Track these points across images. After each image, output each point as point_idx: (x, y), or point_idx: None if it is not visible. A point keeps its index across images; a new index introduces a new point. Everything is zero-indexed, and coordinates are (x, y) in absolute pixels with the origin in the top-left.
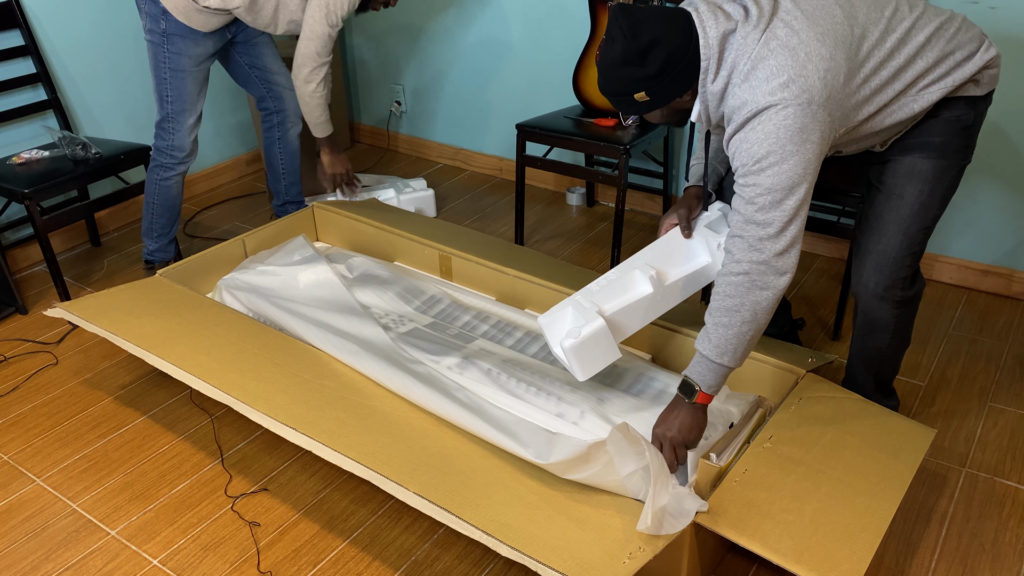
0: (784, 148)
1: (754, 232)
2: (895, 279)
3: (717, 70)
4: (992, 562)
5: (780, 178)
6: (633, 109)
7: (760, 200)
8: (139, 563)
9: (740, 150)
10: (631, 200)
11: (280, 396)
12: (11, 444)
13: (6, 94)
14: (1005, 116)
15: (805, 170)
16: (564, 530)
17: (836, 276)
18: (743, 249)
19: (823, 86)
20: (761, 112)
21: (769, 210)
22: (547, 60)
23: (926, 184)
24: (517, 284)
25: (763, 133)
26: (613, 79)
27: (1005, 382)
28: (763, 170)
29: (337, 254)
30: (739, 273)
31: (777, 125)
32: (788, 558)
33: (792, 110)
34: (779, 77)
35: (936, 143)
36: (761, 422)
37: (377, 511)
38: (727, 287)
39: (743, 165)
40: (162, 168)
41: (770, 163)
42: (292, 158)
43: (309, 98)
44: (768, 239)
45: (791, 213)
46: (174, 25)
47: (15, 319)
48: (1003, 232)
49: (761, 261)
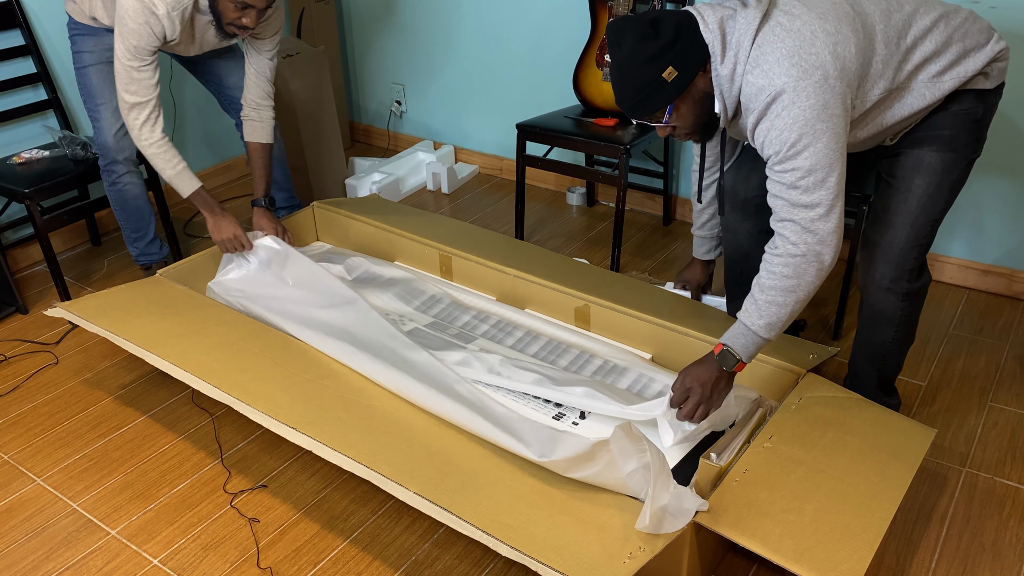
0: (814, 128)
1: (804, 215)
2: (902, 271)
3: (723, 52)
4: (992, 562)
5: (818, 158)
6: (662, 97)
7: (803, 183)
8: (139, 563)
9: (769, 139)
10: (631, 200)
11: (280, 396)
12: (11, 444)
13: (6, 94)
14: (1006, 116)
15: (838, 144)
16: (564, 530)
17: (836, 276)
18: (797, 232)
19: (834, 59)
20: (780, 96)
21: (814, 191)
22: (547, 60)
23: (934, 176)
24: (517, 284)
25: (789, 118)
26: (636, 66)
27: (1005, 382)
28: (799, 153)
29: (337, 254)
30: (796, 255)
31: (801, 107)
32: (788, 558)
33: (811, 89)
34: (789, 59)
35: (946, 136)
36: (761, 422)
37: (377, 511)
38: (784, 268)
39: (776, 153)
40: (105, 173)
41: (804, 145)
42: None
43: (142, 146)
44: (820, 219)
45: (836, 189)
46: (76, 27)
47: (15, 319)
48: (1003, 232)
49: (817, 241)
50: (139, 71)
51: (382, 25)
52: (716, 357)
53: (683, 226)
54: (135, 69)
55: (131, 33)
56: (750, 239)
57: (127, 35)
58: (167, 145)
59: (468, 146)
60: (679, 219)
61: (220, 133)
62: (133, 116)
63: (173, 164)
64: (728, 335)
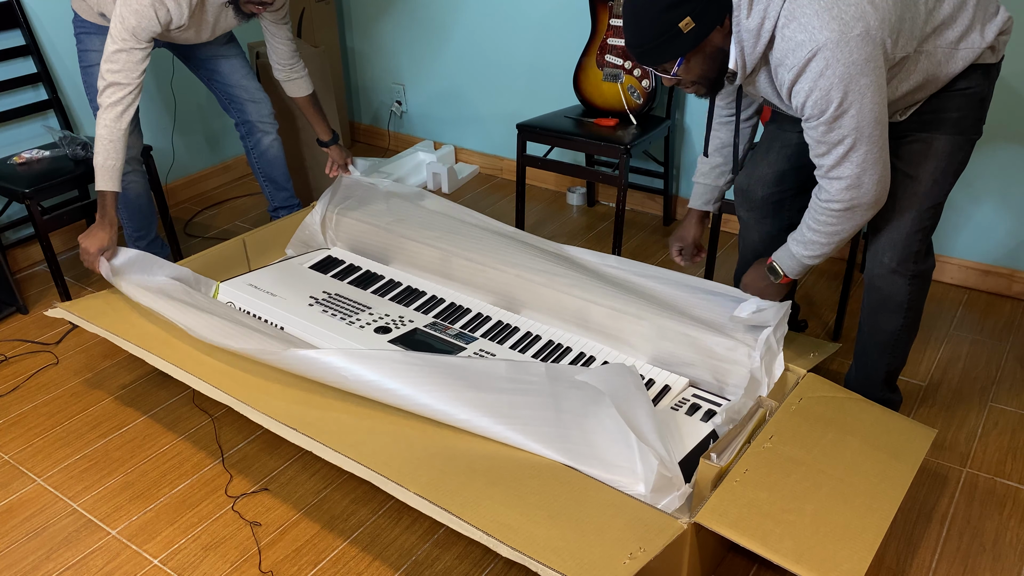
0: (859, 84)
1: (850, 171)
2: (908, 253)
3: (751, 4)
4: (992, 562)
5: (863, 115)
6: (674, 49)
7: (850, 140)
8: (140, 563)
9: (813, 98)
10: (631, 200)
11: (280, 396)
12: (11, 444)
13: (7, 94)
14: (1006, 117)
15: (882, 96)
16: (564, 530)
17: (837, 276)
18: (843, 189)
19: (874, 9)
20: (821, 50)
21: (859, 147)
22: (547, 60)
23: (940, 161)
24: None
25: (835, 76)
26: (653, 12)
27: (1005, 382)
28: (845, 112)
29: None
30: (844, 208)
31: (845, 64)
32: (789, 558)
33: (854, 44)
34: (829, 11)
35: (954, 118)
36: (762, 422)
37: (377, 511)
38: (830, 217)
39: (822, 112)
40: None
41: (850, 103)
42: (270, 166)
43: (99, 123)
44: (866, 173)
45: (881, 140)
46: (82, 24)
47: (15, 319)
48: (1003, 232)
49: (863, 193)
50: (129, 52)
51: (382, 25)
52: (767, 267)
53: None
54: (125, 51)
55: (133, 13)
56: (765, 242)
57: (128, 15)
58: (121, 139)
59: (468, 146)
60: (679, 219)
61: (220, 133)
62: (108, 94)
63: (113, 158)
64: (778, 253)
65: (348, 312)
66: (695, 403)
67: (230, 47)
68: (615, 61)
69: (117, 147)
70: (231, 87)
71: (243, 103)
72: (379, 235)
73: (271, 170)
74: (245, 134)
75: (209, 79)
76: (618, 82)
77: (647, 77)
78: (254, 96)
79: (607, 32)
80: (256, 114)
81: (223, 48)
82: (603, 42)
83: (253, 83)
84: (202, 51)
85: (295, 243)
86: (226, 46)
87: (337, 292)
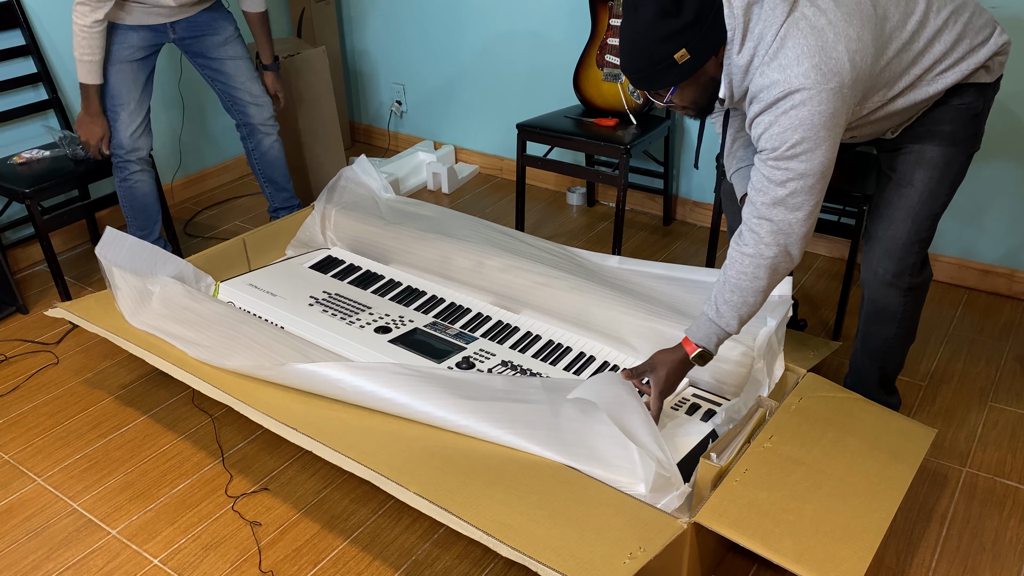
0: (818, 135)
1: (784, 217)
2: (904, 265)
3: (743, 41)
4: (992, 562)
5: (814, 164)
6: (668, 79)
7: (792, 185)
8: (140, 563)
9: (770, 133)
10: (631, 200)
11: (280, 396)
12: (12, 444)
13: (7, 94)
14: (1007, 117)
15: (834, 153)
16: (564, 530)
17: (836, 276)
18: (772, 232)
19: (851, 68)
20: (792, 94)
21: (801, 194)
22: (547, 60)
23: (935, 171)
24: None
25: (796, 119)
26: (649, 41)
27: (1005, 382)
28: (796, 156)
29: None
30: (768, 257)
31: (811, 111)
32: (788, 558)
33: (825, 95)
34: (811, 59)
35: (947, 131)
36: (761, 422)
37: (377, 511)
38: (753, 268)
39: (774, 149)
40: (116, 168)
41: (804, 149)
42: (271, 167)
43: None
44: (798, 223)
45: (820, 195)
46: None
47: (16, 319)
48: (1003, 232)
49: (790, 243)
50: None
51: (382, 25)
52: (692, 358)
53: (683, 226)
54: None
55: None
56: None
57: None
58: (95, 36)
59: (468, 146)
60: (679, 219)
61: (220, 133)
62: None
63: (89, 53)
64: (699, 335)
65: (348, 312)
66: (695, 403)
67: (236, 48)
68: (615, 61)
69: (91, 43)
70: (234, 89)
71: (245, 105)
72: (379, 235)
73: (271, 171)
74: (246, 135)
75: (213, 79)
76: (618, 82)
77: None
78: (257, 99)
79: (607, 32)
80: (258, 116)
81: (229, 49)
82: (603, 42)
83: (256, 86)
84: (209, 51)
85: (295, 243)
86: (231, 47)
87: (337, 292)
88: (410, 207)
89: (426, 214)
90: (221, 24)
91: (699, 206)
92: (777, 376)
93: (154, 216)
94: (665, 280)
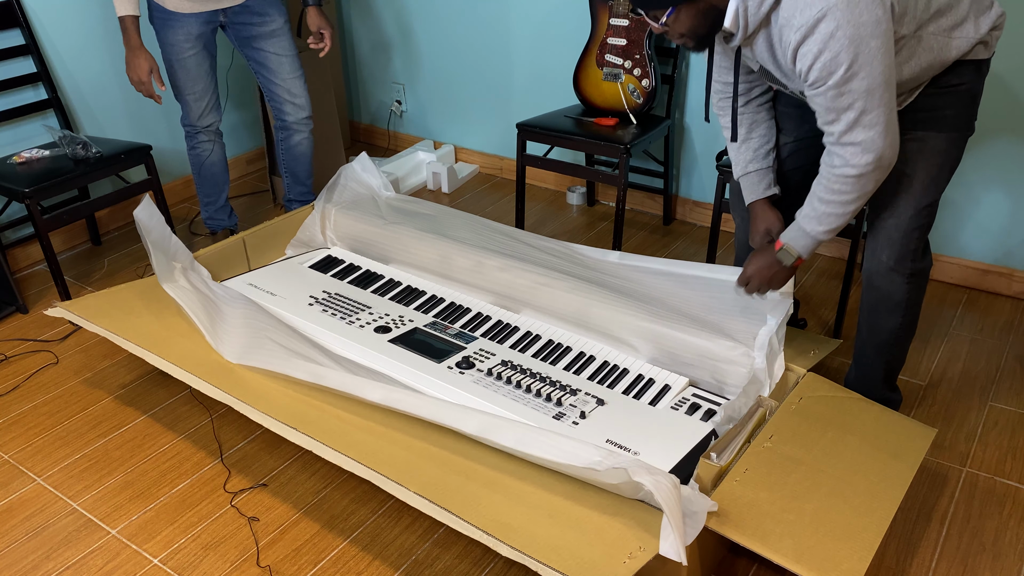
0: (869, 47)
1: (864, 135)
2: (905, 251)
3: None
4: (992, 562)
5: (874, 77)
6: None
7: (860, 104)
8: (139, 562)
9: (820, 62)
10: (631, 199)
11: (280, 395)
12: (11, 443)
13: (6, 93)
14: (1006, 117)
15: (890, 56)
16: (564, 530)
17: (836, 276)
18: (857, 154)
19: None
20: (832, 10)
21: (872, 111)
22: (547, 60)
23: (936, 158)
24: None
25: (845, 37)
26: None
27: (1005, 382)
28: (855, 75)
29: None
30: (857, 175)
31: (855, 24)
32: (789, 558)
33: (865, 4)
34: None
35: (948, 116)
36: (761, 422)
37: (377, 510)
38: (844, 186)
39: (830, 75)
40: (188, 137)
41: (860, 66)
42: (295, 161)
43: None
44: (879, 136)
45: (891, 102)
46: (158, 10)
47: (16, 318)
48: (1003, 232)
49: (876, 158)
50: None
51: (382, 25)
52: (777, 253)
53: (683, 225)
54: None
55: None
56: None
57: None
58: None
59: (468, 146)
60: (679, 219)
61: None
62: None
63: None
64: (787, 234)
65: (348, 312)
66: (695, 403)
67: (282, 44)
68: (615, 61)
69: None
70: (274, 84)
71: (283, 102)
72: (379, 235)
73: (295, 165)
74: (279, 127)
75: (256, 71)
76: (618, 82)
77: (647, 77)
78: (295, 99)
79: (607, 32)
80: (293, 115)
81: (275, 43)
82: (603, 42)
83: (297, 85)
84: (256, 40)
85: (295, 243)
86: (278, 42)
87: (337, 292)
88: (410, 205)
89: (426, 212)
90: (271, 14)
91: (699, 205)
92: (777, 376)
93: (221, 185)
94: (665, 276)
